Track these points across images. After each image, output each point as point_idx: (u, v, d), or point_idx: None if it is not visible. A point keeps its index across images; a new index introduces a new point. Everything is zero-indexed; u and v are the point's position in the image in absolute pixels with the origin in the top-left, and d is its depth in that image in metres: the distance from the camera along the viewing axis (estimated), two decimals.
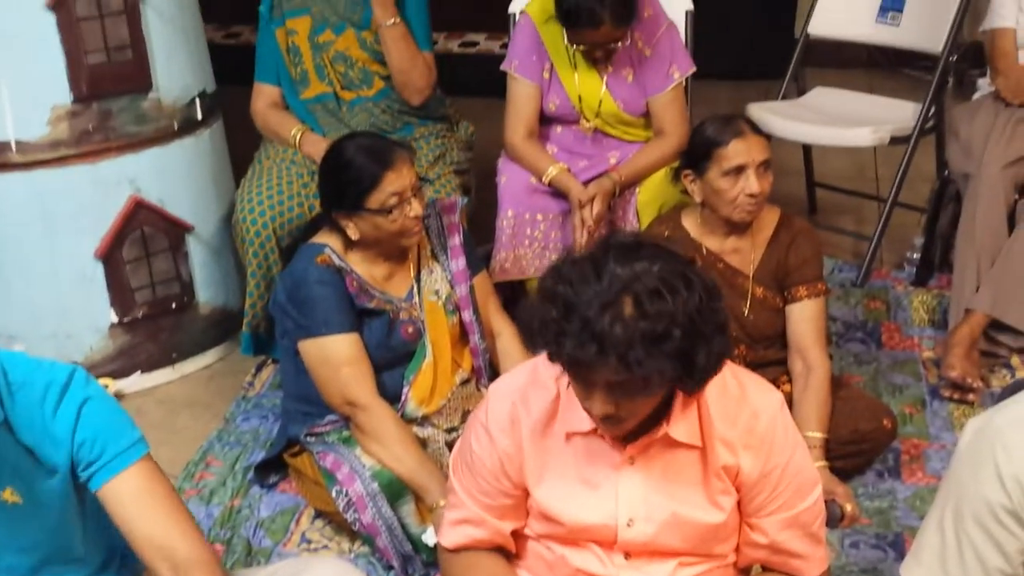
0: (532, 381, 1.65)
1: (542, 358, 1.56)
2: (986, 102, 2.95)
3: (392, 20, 2.68)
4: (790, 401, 2.38)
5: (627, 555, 1.63)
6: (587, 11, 2.48)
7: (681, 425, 1.58)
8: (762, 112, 3.27)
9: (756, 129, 2.35)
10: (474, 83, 3.58)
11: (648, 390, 1.45)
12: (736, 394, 1.62)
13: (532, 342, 1.50)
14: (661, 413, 1.56)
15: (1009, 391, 1.62)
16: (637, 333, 1.38)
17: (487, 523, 1.68)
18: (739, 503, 1.64)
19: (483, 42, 5.01)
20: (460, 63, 4.72)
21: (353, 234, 2.17)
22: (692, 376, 1.46)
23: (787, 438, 1.63)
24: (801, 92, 3.56)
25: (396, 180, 2.13)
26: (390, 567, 2.13)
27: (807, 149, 3.63)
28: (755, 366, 2.45)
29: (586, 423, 1.59)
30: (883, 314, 3.05)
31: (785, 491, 1.62)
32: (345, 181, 2.14)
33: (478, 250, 2.53)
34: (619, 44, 2.60)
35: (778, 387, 2.39)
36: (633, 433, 1.57)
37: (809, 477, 1.66)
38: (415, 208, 2.14)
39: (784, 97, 3.50)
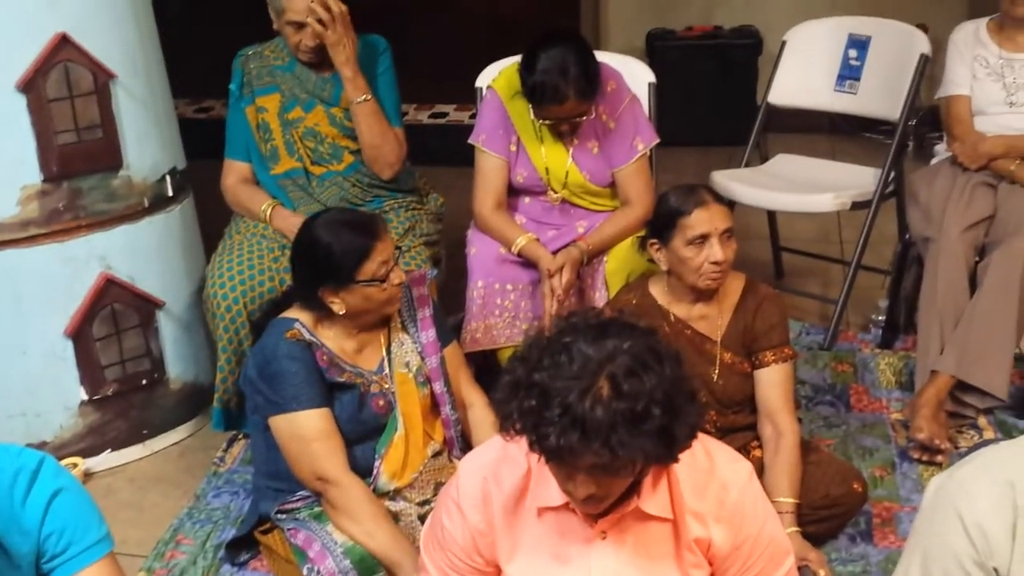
0: (503, 456, 1.66)
1: None
2: (944, 167, 3.02)
3: (363, 97, 2.72)
4: (761, 466, 2.40)
5: None
6: (551, 88, 2.54)
7: (652, 498, 1.60)
8: (726, 180, 3.34)
9: (718, 198, 2.39)
10: (444, 153, 3.63)
11: (629, 468, 1.47)
12: (705, 466, 1.63)
13: (510, 432, 1.50)
14: (632, 487, 1.57)
15: (967, 453, 1.65)
16: (618, 415, 1.39)
17: None
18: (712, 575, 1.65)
19: (452, 113, 5.09)
20: (430, 134, 4.79)
21: (340, 309, 2.18)
22: (671, 451, 1.48)
23: (757, 509, 1.65)
24: (764, 159, 3.63)
25: (384, 249, 2.17)
26: None
27: (772, 214, 3.69)
28: (726, 432, 2.48)
29: (557, 498, 1.60)
30: (851, 377, 3.09)
31: (758, 562, 1.64)
32: (335, 257, 2.15)
33: (449, 320, 2.55)
34: (584, 118, 2.65)
35: (749, 452, 2.47)
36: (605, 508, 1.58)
37: (781, 546, 1.67)
38: (399, 275, 2.18)
39: (747, 164, 3.56)
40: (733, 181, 3.33)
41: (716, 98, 5.01)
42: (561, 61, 2.52)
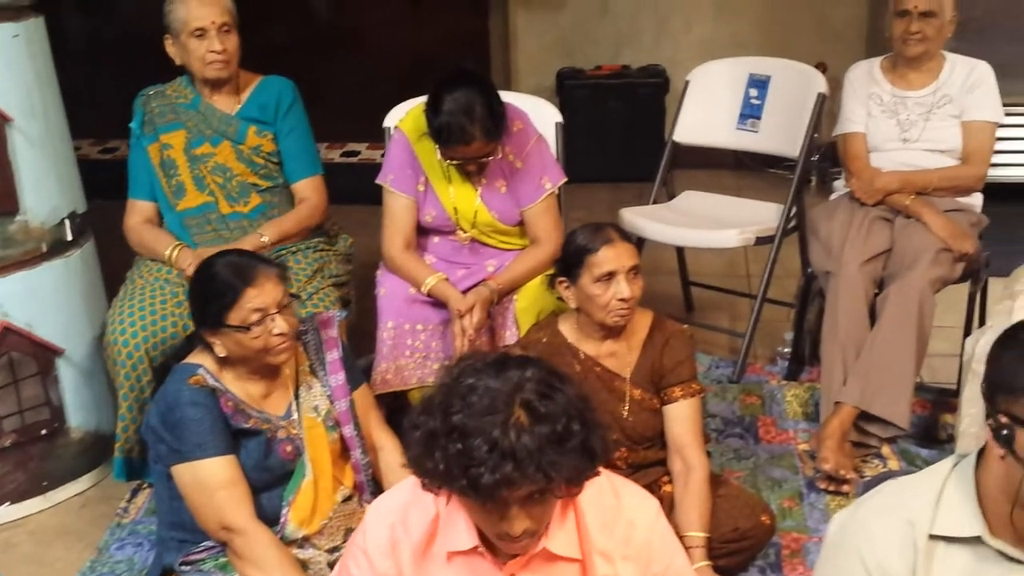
0: (411, 501, 1.65)
1: None
2: (843, 202, 3.11)
3: (264, 239, 2.72)
4: (672, 501, 2.42)
5: None
6: (457, 129, 2.55)
7: (559, 538, 1.60)
8: (634, 216, 3.39)
9: (624, 236, 2.42)
10: (357, 192, 3.57)
11: (558, 493, 1.48)
12: (612, 504, 1.64)
13: (436, 485, 1.50)
14: None
15: (874, 483, 1.68)
16: (543, 438, 1.42)
17: None
18: None
19: (364, 151, 5.08)
20: (343, 172, 4.76)
21: (220, 351, 2.15)
22: (594, 464, 1.51)
23: (665, 545, 1.66)
24: (671, 195, 3.69)
25: (257, 296, 2.11)
26: None
27: (680, 250, 3.75)
28: (637, 468, 2.50)
29: (467, 542, 1.59)
30: (759, 409, 3.14)
31: None
32: (207, 297, 2.14)
33: (360, 362, 2.52)
34: (490, 158, 2.67)
35: (660, 488, 2.49)
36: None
37: None
38: (279, 325, 2.12)
39: (655, 201, 3.62)
40: (641, 218, 3.38)
41: (625, 136, 5.10)
42: (466, 102, 2.53)
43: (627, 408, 2.46)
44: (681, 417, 2.45)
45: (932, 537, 1.45)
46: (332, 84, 4.89)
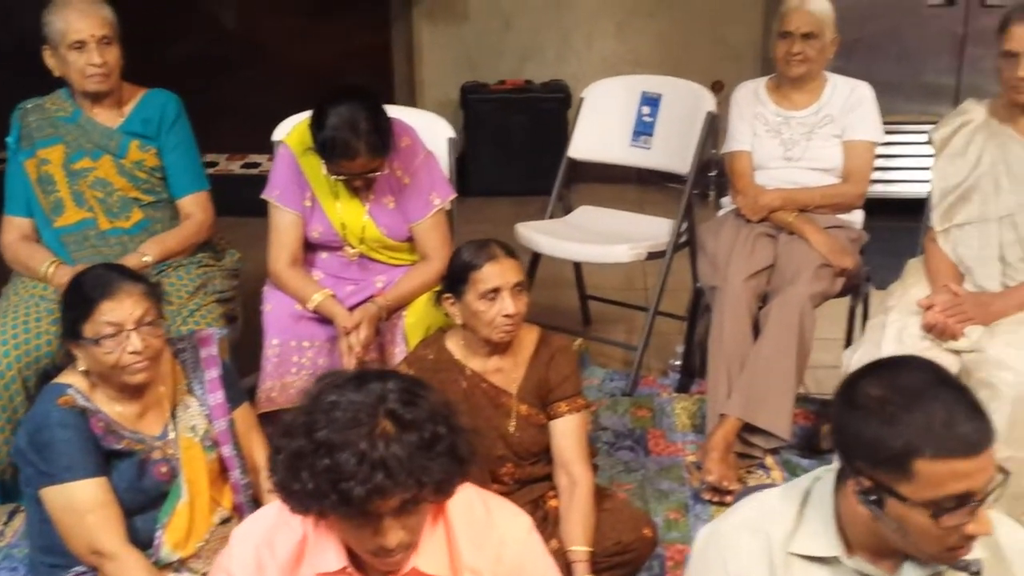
0: (278, 523, 1.62)
1: None
2: (729, 218, 3.17)
3: (146, 259, 2.67)
4: (557, 517, 2.43)
5: None
6: (342, 143, 2.53)
7: (429, 556, 1.59)
8: (529, 231, 3.41)
9: (509, 252, 2.43)
10: (258, 204, 3.49)
11: (429, 499, 1.49)
12: (484, 520, 1.64)
13: (305, 506, 1.49)
14: None
15: (742, 495, 1.71)
16: (412, 445, 1.43)
17: None
18: None
19: (265, 163, 5.01)
20: (244, 184, 4.67)
21: (81, 365, 2.10)
22: (464, 468, 1.52)
23: (537, 562, 1.66)
24: (568, 210, 3.73)
25: (112, 311, 2.06)
26: None
27: (577, 264, 3.78)
28: (523, 483, 2.50)
29: (335, 563, 1.58)
30: (649, 421, 3.18)
31: None
32: (66, 307, 2.10)
33: (247, 380, 2.48)
34: (377, 173, 2.66)
35: (545, 503, 2.50)
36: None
37: None
38: (133, 343, 2.06)
39: (552, 215, 3.65)
40: (536, 233, 3.40)
41: (529, 150, 5.14)
42: (350, 116, 2.52)
43: (514, 424, 2.47)
44: (567, 432, 2.47)
45: (789, 554, 1.47)
46: (234, 96, 4.82)
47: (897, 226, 3.22)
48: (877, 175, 4.27)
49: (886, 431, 1.32)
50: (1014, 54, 2.44)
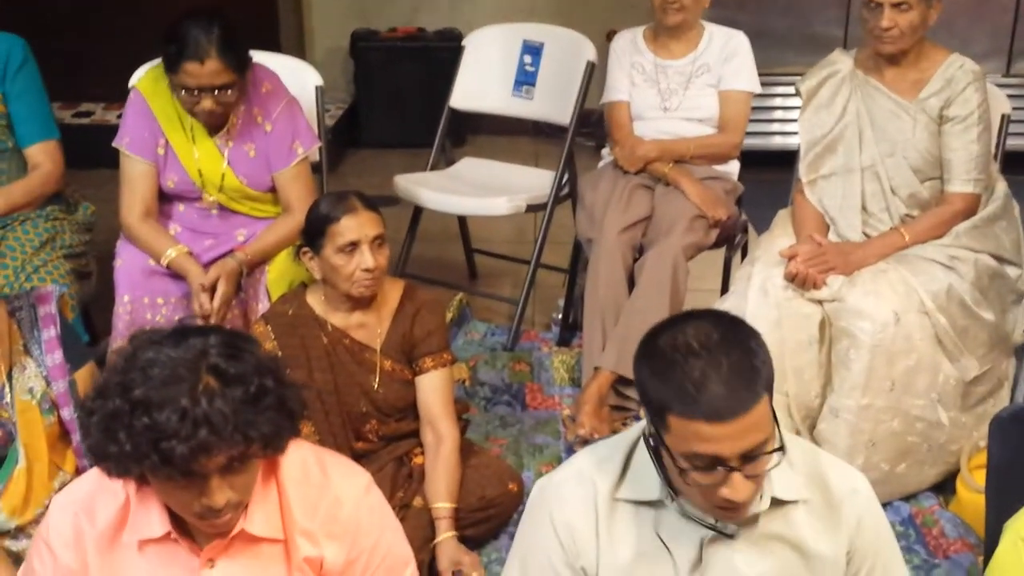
0: (98, 488, 1.54)
1: None
2: (607, 170, 3.13)
3: None
4: (423, 474, 2.39)
5: None
6: (193, 41, 2.39)
7: (260, 519, 1.53)
8: (408, 183, 3.33)
9: (369, 205, 2.35)
10: (100, 155, 3.32)
11: (256, 457, 1.43)
12: (319, 481, 1.58)
13: (123, 469, 1.41)
14: None
15: None
16: (237, 400, 1.37)
17: None
18: None
19: (99, 112, 4.81)
20: (82, 134, 4.47)
21: None
22: (294, 423, 1.48)
23: (373, 521, 1.61)
24: (451, 162, 3.65)
25: None
26: None
27: (462, 218, 3.71)
28: (388, 440, 2.46)
29: (158, 528, 1.51)
30: (528, 375, 3.15)
31: (375, 575, 1.59)
32: None
33: (106, 341, 2.37)
34: (229, 94, 2.50)
35: (411, 460, 2.45)
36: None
37: (400, 558, 1.64)
38: None
39: (435, 167, 3.57)
40: (415, 184, 3.33)
41: (421, 100, 5.00)
42: (204, 21, 2.41)
43: (377, 380, 2.41)
44: (432, 388, 2.42)
45: (616, 500, 1.47)
46: (111, 42, 4.61)
47: (777, 179, 3.23)
48: (758, 127, 4.31)
49: (652, 383, 1.35)
50: (878, 4, 2.43)
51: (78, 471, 2.18)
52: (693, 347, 1.33)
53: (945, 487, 2.57)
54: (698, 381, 1.31)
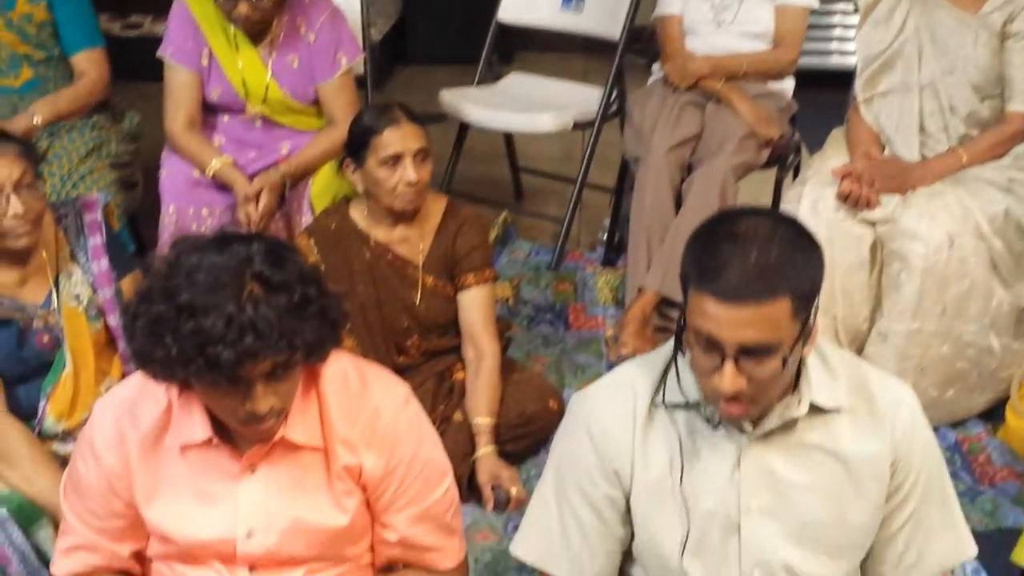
0: (141, 393, 1.56)
1: None
2: (657, 87, 3.05)
3: (36, 120, 2.51)
4: (464, 389, 2.39)
5: (252, 568, 1.56)
6: None
7: (300, 427, 1.54)
8: (454, 98, 3.28)
9: (413, 117, 2.33)
10: (148, 68, 3.31)
11: (298, 364, 1.45)
12: (358, 391, 1.59)
13: (168, 373, 1.41)
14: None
15: None
16: (282, 307, 1.38)
17: (102, 548, 1.58)
18: (367, 502, 1.61)
19: (147, 24, 4.78)
20: (129, 46, 4.46)
21: None
22: (336, 332, 1.48)
23: (412, 432, 1.61)
24: (498, 78, 3.59)
25: None
26: None
27: (508, 135, 3.66)
28: (430, 355, 2.47)
29: (200, 433, 1.52)
30: (571, 295, 3.13)
31: (412, 486, 1.60)
32: None
33: (153, 253, 2.38)
34: (275, 13, 2.47)
35: (452, 375, 2.46)
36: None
37: (437, 469, 1.65)
38: (14, 206, 1.97)
39: (481, 82, 3.51)
40: (461, 100, 3.28)
41: (467, 15, 4.92)
42: None
43: (419, 295, 2.41)
44: (474, 304, 2.42)
45: (654, 405, 1.46)
46: None
47: (833, 99, 3.14)
48: (814, 45, 4.17)
49: (688, 254, 1.36)
50: None
51: (124, 377, 2.21)
52: (736, 233, 1.33)
53: (994, 414, 2.53)
54: (722, 261, 1.31)
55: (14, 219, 1.98)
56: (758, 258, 1.30)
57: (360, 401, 1.58)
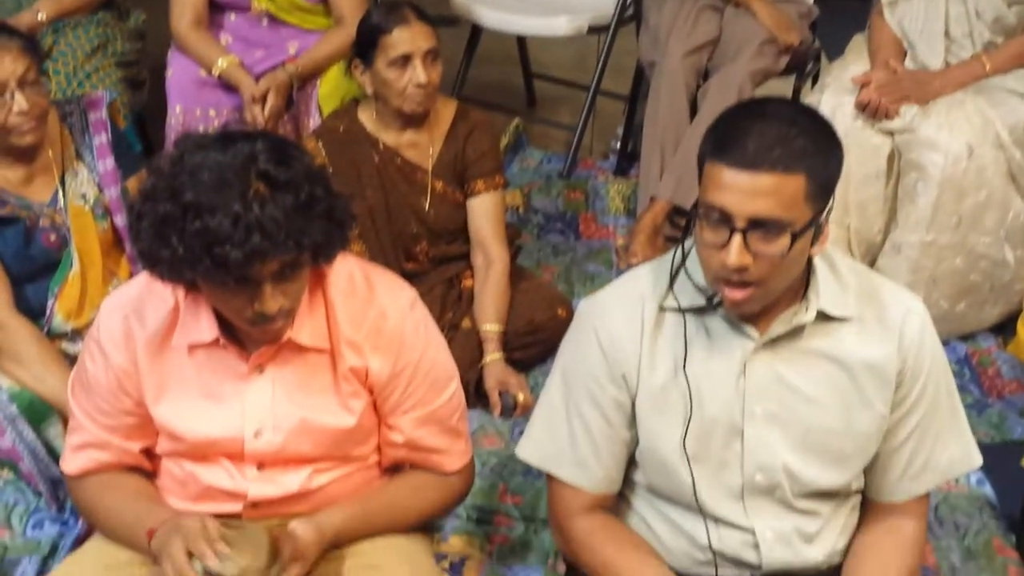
0: (147, 292, 1.55)
1: None
2: None
3: (40, 16, 2.46)
4: (472, 296, 2.39)
5: (260, 466, 1.58)
6: None
7: (307, 329, 1.53)
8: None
9: (423, 16, 2.27)
10: None
11: (306, 265, 1.44)
12: (364, 294, 1.58)
13: (175, 273, 1.40)
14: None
15: None
16: (289, 206, 1.36)
17: (112, 445, 1.59)
18: (374, 404, 1.61)
19: None
20: None
21: None
22: (344, 232, 1.47)
23: (418, 335, 1.61)
24: None
25: None
26: (39, 493, 2.00)
27: (521, 39, 3.58)
28: (438, 261, 2.46)
29: (207, 334, 1.52)
30: (582, 204, 3.10)
31: (418, 389, 1.60)
32: None
33: (159, 154, 2.36)
34: None
35: (461, 282, 2.45)
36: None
37: (444, 372, 1.65)
38: (19, 103, 1.95)
39: None
40: (473, 1, 3.20)
41: None
42: None
43: (428, 201, 2.39)
44: (483, 211, 2.40)
45: (662, 309, 1.45)
46: None
47: (855, 7, 3.04)
48: None
49: (707, 133, 1.35)
50: None
51: (132, 278, 2.21)
52: (759, 112, 1.32)
53: (1005, 328, 2.51)
54: (741, 132, 1.29)
55: (19, 116, 1.96)
56: (780, 132, 1.28)
57: (366, 304, 1.57)
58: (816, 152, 1.30)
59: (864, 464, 1.46)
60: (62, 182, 2.12)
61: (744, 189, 1.27)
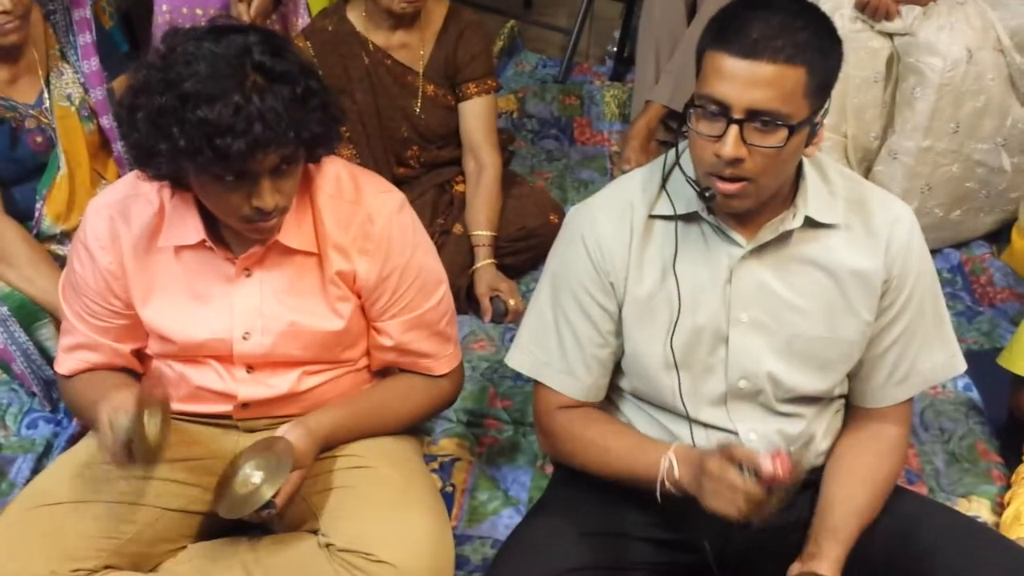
0: (133, 194, 1.54)
1: None
2: None
3: None
4: (464, 201, 2.37)
5: (249, 368, 1.59)
6: None
7: (294, 231, 1.53)
8: None
9: None
10: None
11: (300, 160, 1.44)
12: (352, 197, 1.57)
13: (173, 166, 1.38)
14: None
15: None
16: (286, 98, 1.35)
17: (102, 346, 1.60)
18: (363, 308, 1.61)
19: None
20: None
21: None
22: (337, 125, 1.46)
23: (406, 239, 1.60)
24: None
25: None
26: (33, 393, 2.02)
27: None
28: (430, 166, 2.43)
29: (193, 235, 1.51)
30: (577, 110, 3.05)
31: (407, 293, 1.61)
32: None
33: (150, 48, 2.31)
34: None
35: (452, 187, 2.43)
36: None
37: (432, 277, 1.64)
38: (1, 1, 1.90)
39: None
40: None
41: None
42: None
43: (419, 104, 2.35)
44: (475, 114, 2.36)
45: (651, 217, 1.44)
46: None
47: None
48: None
49: (706, 30, 1.31)
50: None
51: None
52: (762, 2, 1.29)
53: (999, 236, 2.51)
54: (744, 21, 1.27)
55: (2, 14, 1.91)
56: (784, 22, 1.26)
57: (353, 206, 1.56)
58: (819, 47, 1.28)
59: (848, 370, 1.46)
60: (47, 83, 2.08)
61: (744, 78, 1.25)
